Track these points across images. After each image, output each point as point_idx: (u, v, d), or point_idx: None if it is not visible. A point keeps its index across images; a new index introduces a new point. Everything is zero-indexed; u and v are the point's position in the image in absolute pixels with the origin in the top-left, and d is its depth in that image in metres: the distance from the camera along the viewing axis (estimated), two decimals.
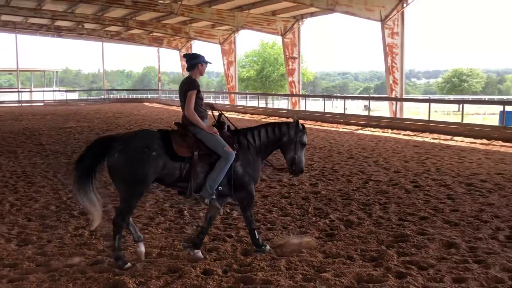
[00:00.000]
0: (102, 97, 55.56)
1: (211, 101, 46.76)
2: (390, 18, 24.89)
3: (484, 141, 17.46)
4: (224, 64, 40.86)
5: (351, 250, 6.19)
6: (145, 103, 49.69)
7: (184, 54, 6.45)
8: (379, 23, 25.36)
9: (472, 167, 12.16)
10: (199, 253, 5.96)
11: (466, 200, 8.73)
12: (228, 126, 6.29)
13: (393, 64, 25.47)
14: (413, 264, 5.70)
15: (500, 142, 16.90)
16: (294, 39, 33.20)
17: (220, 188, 5.97)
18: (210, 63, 6.43)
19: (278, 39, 46.70)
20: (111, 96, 60.69)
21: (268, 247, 6.20)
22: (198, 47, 46.96)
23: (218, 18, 33.20)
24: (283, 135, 6.35)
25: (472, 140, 17.82)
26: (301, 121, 6.68)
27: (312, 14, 31.76)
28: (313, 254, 6.04)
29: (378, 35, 25.66)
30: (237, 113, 33.59)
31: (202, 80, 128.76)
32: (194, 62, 6.24)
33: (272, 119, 28.67)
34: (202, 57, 6.28)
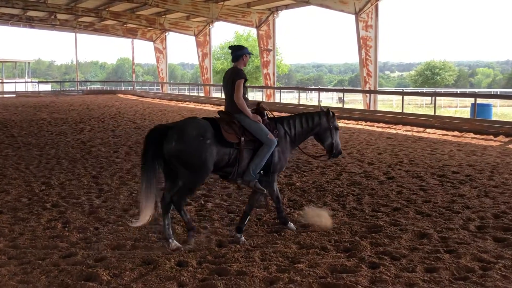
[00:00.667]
0: (76, 88, 54.76)
1: (186, 93, 46.54)
2: (364, 11, 25.05)
3: (456, 133, 17.73)
4: (199, 56, 40.65)
5: (325, 241, 6.24)
6: (119, 95, 49.17)
7: (229, 46, 6.77)
8: (353, 16, 25.51)
9: (444, 158, 12.35)
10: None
11: (438, 191, 8.86)
12: (267, 114, 6.69)
13: (367, 57, 25.66)
14: (386, 254, 5.77)
15: (472, 134, 17.17)
16: (269, 31, 33.17)
17: (262, 172, 6.39)
18: (253, 54, 6.98)
19: (253, 31, 46.71)
20: (85, 87, 60.07)
21: (243, 239, 6.31)
22: (172, 38, 46.76)
23: (193, 10, 33.01)
24: (317, 125, 6.78)
25: (444, 132, 18.08)
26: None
27: (287, 7, 31.76)
28: (288, 245, 6.08)
29: (352, 28, 25.83)
30: (212, 105, 33.47)
31: (177, 73, 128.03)
32: (239, 53, 6.58)
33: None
34: (246, 48, 6.67)
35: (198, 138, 5.96)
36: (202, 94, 40.30)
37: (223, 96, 6.89)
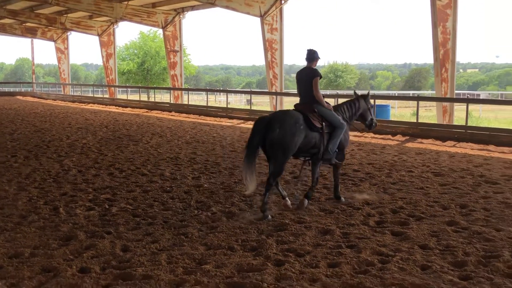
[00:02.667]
0: None
1: (89, 94, 45.11)
2: (269, 14, 25.49)
3: (357, 133, 18.41)
4: (103, 57, 39.60)
5: (232, 241, 6.27)
6: (18, 97, 46.93)
7: (308, 49, 8.09)
8: (258, 19, 25.87)
9: (346, 158, 12.76)
10: (307, 203, 7.78)
11: (340, 188, 9.15)
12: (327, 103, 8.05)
13: (273, 59, 26.12)
14: (291, 251, 5.90)
15: (371, 134, 17.94)
16: (175, 32, 32.92)
17: (336, 150, 7.97)
18: (320, 58, 8.15)
19: (159, 32, 46.09)
20: None
21: (343, 199, 8.19)
22: (75, 38, 45.28)
23: (95, 9, 32.10)
24: (359, 108, 8.65)
25: None
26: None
27: (193, 8, 31.67)
28: (195, 247, 6.05)
29: (258, 31, 26.19)
30: (117, 107, 32.71)
31: (80, 74, 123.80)
32: (315, 56, 8.04)
33: (154, 113, 28.28)
34: (318, 53, 8.09)
35: (294, 125, 7.37)
36: (106, 96, 39.21)
37: (129, 98, 6.82)
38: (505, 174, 10.61)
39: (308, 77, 7.92)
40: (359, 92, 9.06)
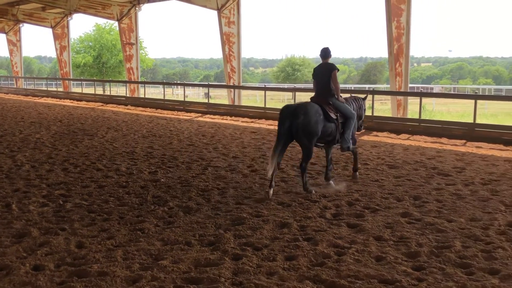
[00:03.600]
0: None
1: (43, 87, 44.01)
2: (226, 7, 25.39)
3: None
4: (56, 49, 38.64)
5: (189, 236, 6.25)
6: None
7: (322, 48, 9.18)
8: (216, 12, 25.74)
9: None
10: (332, 183, 8.97)
11: (298, 182, 9.25)
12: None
13: (231, 52, 26.04)
14: (248, 245, 5.92)
15: None
16: (131, 24, 32.40)
17: (351, 137, 9.04)
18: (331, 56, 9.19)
19: (115, 24, 45.31)
20: None
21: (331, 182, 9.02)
22: (28, 30, 44.07)
23: (49, 1, 31.37)
24: (362, 106, 9.75)
25: None
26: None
27: (149, 0, 31.22)
28: (151, 243, 6.00)
29: (216, 24, 26.05)
30: (72, 101, 32.05)
31: (34, 66, 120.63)
32: (328, 53, 9.15)
33: (110, 107, 27.83)
34: (330, 50, 9.21)
35: (316, 114, 8.33)
36: (61, 89, 38.33)
37: (84, 91, 6.71)
38: (456, 166, 10.90)
39: (326, 71, 8.91)
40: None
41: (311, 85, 9.66)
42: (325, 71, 8.91)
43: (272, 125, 19.16)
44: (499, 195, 8.31)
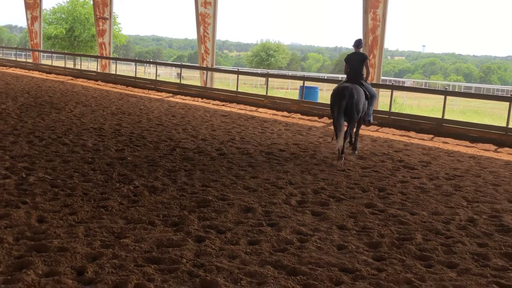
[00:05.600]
0: None
1: (12, 58, 42.96)
2: None
3: (285, 113, 18.67)
4: (27, 19, 37.67)
5: (153, 216, 6.20)
6: None
7: (356, 39, 11.27)
8: None
9: (273, 137, 12.93)
10: (357, 153, 11.18)
11: (265, 167, 9.26)
12: None
13: (206, 34, 25.79)
14: (212, 228, 5.91)
15: (299, 115, 18.20)
16: None
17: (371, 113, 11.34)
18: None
19: None
20: None
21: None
22: None
23: None
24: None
25: (274, 112, 18.92)
26: None
27: None
28: (114, 221, 5.93)
29: (192, 3, 25.73)
30: (41, 73, 31.38)
31: (3, 36, 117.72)
32: (361, 43, 11.31)
33: (80, 81, 27.35)
34: (362, 40, 11.70)
35: (363, 94, 10.54)
36: (30, 60, 37.43)
37: (54, 64, 6.52)
38: (423, 160, 11.07)
39: (359, 59, 11.02)
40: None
41: (284, 72, 10.12)
42: (359, 58, 11.02)
43: (243, 110, 19.12)
44: (462, 190, 8.47)
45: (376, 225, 6.38)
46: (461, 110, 30.70)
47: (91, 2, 36.97)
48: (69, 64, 39.52)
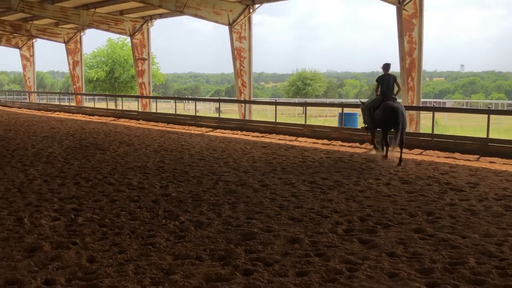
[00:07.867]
0: None
1: (56, 102, 44.37)
2: (238, 23, 25.53)
3: (325, 141, 18.60)
4: (69, 64, 39.03)
5: (200, 251, 6.22)
6: None
7: (385, 63, 13.97)
8: (227, 27, 25.89)
9: (314, 166, 12.88)
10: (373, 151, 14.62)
11: (309, 197, 9.20)
12: None
13: (242, 67, 26.14)
14: (259, 260, 5.87)
15: (340, 142, 18.11)
16: (143, 39, 32.70)
17: None
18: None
19: (128, 39, 45.64)
20: None
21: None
22: (41, 45, 44.62)
23: (62, 16, 31.63)
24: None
25: (314, 140, 18.88)
26: None
27: (161, 16, 31.50)
28: (162, 257, 5.98)
29: (227, 39, 26.18)
30: (84, 115, 32.27)
31: (47, 81, 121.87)
32: (389, 66, 13.98)
33: (122, 121, 27.99)
34: (390, 64, 14.19)
35: (405, 111, 13.42)
36: (73, 104, 38.63)
37: (96, 106, 6.73)
38: (470, 181, 10.81)
39: (391, 79, 13.83)
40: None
41: (321, 100, 10.09)
42: (390, 79, 13.81)
43: (283, 140, 19.15)
44: None
45: (426, 250, 6.23)
46: (506, 129, 29.97)
47: (130, 44, 38.00)
48: (111, 105, 40.52)
